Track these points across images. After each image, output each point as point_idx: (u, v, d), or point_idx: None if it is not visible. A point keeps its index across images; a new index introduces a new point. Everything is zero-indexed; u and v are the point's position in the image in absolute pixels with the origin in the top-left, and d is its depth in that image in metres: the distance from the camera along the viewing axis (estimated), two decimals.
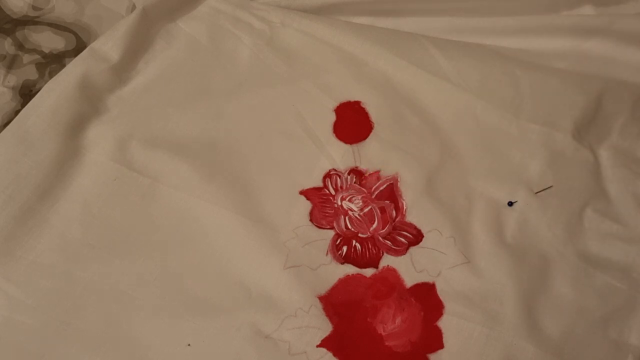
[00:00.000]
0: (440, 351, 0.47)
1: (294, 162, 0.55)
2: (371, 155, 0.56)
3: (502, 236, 0.52)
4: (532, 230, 0.53)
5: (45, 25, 0.64)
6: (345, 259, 0.51)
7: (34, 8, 0.65)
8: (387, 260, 0.51)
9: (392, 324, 0.49)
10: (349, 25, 0.63)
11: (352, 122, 0.58)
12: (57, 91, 0.55)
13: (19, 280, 0.48)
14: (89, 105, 0.56)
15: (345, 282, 0.50)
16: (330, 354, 0.47)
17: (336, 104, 0.59)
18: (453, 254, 0.51)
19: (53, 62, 0.62)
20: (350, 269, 0.51)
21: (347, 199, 0.54)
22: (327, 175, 0.55)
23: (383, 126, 0.57)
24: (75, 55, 0.58)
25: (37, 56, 0.62)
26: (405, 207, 0.53)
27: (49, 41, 0.63)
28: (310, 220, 0.53)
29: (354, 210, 0.54)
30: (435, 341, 0.48)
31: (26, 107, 0.54)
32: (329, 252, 0.51)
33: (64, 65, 0.59)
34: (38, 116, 0.53)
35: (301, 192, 0.54)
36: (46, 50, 0.63)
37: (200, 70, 0.60)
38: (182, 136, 0.56)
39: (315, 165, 0.55)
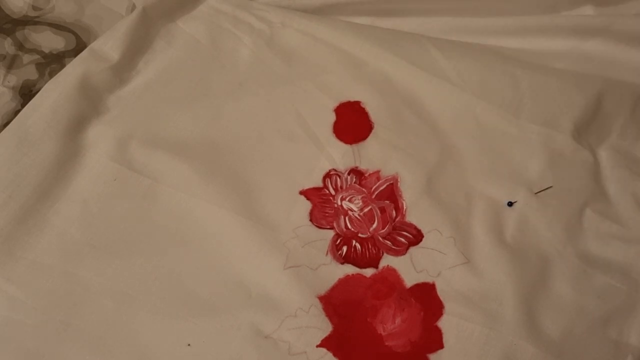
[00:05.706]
0: (440, 351, 0.47)
1: (294, 162, 0.55)
2: (371, 155, 0.56)
3: (501, 236, 0.52)
4: (532, 231, 0.53)
5: (45, 25, 0.64)
6: (345, 259, 0.51)
7: (34, 8, 0.65)
8: (387, 260, 0.51)
9: (392, 324, 0.49)
10: (349, 26, 0.63)
11: (352, 122, 0.58)
12: (57, 91, 0.55)
13: (19, 280, 0.48)
14: (89, 105, 0.56)
15: (345, 282, 0.50)
16: (330, 354, 0.47)
17: (336, 104, 0.59)
18: (453, 254, 0.51)
19: (53, 62, 0.62)
20: (350, 269, 0.51)
21: (347, 199, 0.54)
22: (327, 175, 0.55)
23: (383, 126, 0.57)
24: (75, 55, 0.59)
25: (37, 56, 0.62)
26: (405, 207, 0.53)
27: (49, 41, 0.63)
28: (310, 220, 0.53)
29: (354, 210, 0.54)
30: (435, 341, 0.48)
31: (26, 107, 0.54)
32: (329, 252, 0.51)
33: (64, 65, 0.59)
34: (38, 116, 0.53)
35: (301, 192, 0.54)
36: (46, 50, 0.63)
37: (200, 70, 0.60)
38: (182, 136, 0.56)
39: (315, 165, 0.55)
